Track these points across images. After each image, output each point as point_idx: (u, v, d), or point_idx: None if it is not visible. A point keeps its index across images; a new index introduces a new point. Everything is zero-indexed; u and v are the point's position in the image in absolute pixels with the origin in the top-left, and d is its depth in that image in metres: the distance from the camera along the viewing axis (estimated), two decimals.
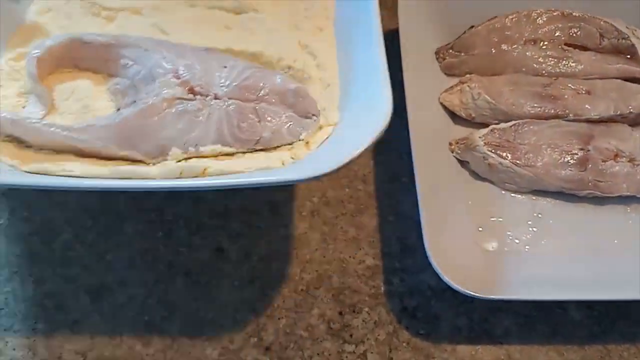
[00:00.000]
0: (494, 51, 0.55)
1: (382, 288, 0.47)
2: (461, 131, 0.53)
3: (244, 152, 0.39)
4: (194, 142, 0.37)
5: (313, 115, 0.40)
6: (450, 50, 0.56)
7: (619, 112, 0.51)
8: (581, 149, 0.49)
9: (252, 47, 0.44)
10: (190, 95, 0.39)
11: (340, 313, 0.45)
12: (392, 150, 0.53)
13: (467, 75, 0.54)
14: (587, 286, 0.45)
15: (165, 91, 0.38)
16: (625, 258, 0.47)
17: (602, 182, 0.49)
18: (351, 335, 0.44)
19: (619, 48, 0.55)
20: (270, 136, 0.39)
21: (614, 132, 0.51)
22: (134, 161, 0.38)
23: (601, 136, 0.50)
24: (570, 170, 0.49)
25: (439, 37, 0.56)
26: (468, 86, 0.52)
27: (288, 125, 0.39)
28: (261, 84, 0.40)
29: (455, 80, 0.55)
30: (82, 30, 0.43)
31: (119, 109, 0.40)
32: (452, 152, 0.51)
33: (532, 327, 0.45)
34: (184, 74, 0.39)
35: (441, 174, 0.49)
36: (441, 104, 0.54)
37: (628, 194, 0.49)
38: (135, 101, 0.39)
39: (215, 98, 0.39)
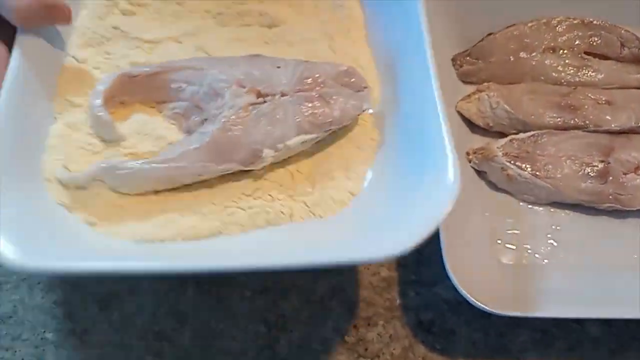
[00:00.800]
0: (512, 59, 0.54)
1: (398, 301, 0.46)
2: (478, 140, 0.52)
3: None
4: (280, 140, 0.39)
5: (365, 87, 0.43)
6: (468, 58, 0.55)
7: None
8: (602, 161, 0.48)
9: (296, 57, 0.44)
10: (261, 99, 0.40)
11: (355, 326, 0.45)
12: None
13: (485, 84, 0.53)
14: (606, 302, 0.44)
15: (238, 101, 0.40)
16: None
17: (622, 195, 0.48)
18: (366, 349, 0.44)
19: None
20: (340, 114, 0.41)
21: (635, 144, 0.50)
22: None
23: (622, 148, 0.49)
24: (591, 182, 0.48)
25: (455, 43, 0.55)
26: (486, 95, 0.51)
27: (350, 101, 0.42)
28: (316, 74, 0.42)
29: (472, 88, 0.54)
30: (124, 63, 0.43)
31: (188, 131, 0.41)
32: (470, 162, 0.50)
33: (550, 343, 0.45)
34: (247, 82, 0.40)
35: None
36: (458, 112, 0.53)
37: None
38: (206, 119, 0.40)
39: (282, 95, 0.41)
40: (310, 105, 0.41)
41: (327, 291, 0.46)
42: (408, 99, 0.42)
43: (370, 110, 0.43)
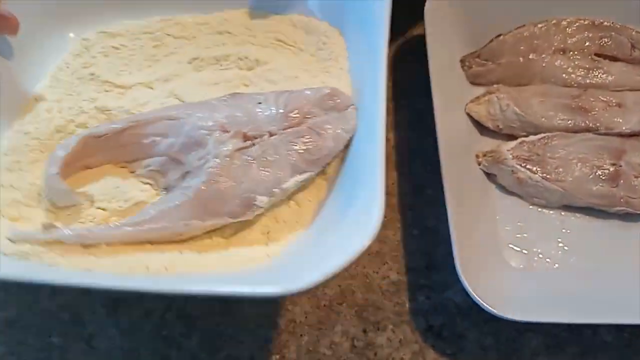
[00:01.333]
0: (521, 60, 0.54)
1: (407, 305, 0.45)
2: (488, 142, 0.51)
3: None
4: (275, 183, 0.36)
5: (350, 105, 0.40)
6: (477, 59, 0.54)
7: None
8: (613, 164, 0.48)
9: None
10: (248, 142, 0.37)
11: (364, 331, 0.44)
12: (415, 161, 0.51)
13: (495, 86, 0.52)
14: (619, 307, 0.43)
15: (223, 148, 0.36)
16: None
17: (634, 198, 0.47)
18: (375, 354, 0.43)
19: None
20: (334, 144, 0.38)
21: None
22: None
23: (633, 151, 0.49)
24: (601, 185, 0.47)
25: (465, 45, 0.55)
26: (496, 97, 0.51)
27: (340, 126, 0.39)
28: (300, 104, 0.39)
29: (481, 89, 0.53)
30: (90, 107, 0.41)
31: (166, 188, 0.38)
32: (479, 165, 0.50)
33: (561, 348, 0.44)
34: (231, 125, 0.37)
35: (468, 187, 0.48)
36: (467, 114, 0.52)
37: None
38: (187, 172, 0.37)
39: (271, 135, 0.38)
40: (302, 140, 0.38)
41: (336, 296, 0.45)
42: (359, 132, 0.39)
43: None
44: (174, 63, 0.44)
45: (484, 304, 0.40)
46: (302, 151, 0.37)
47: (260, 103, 0.39)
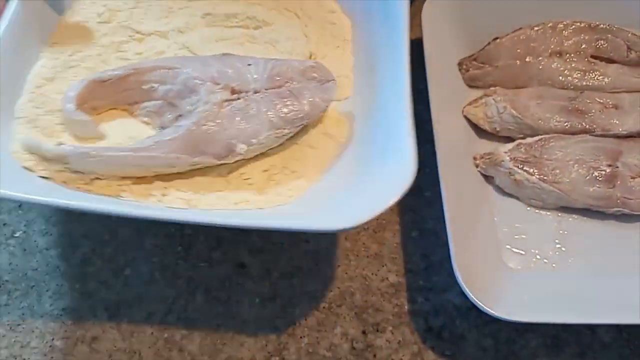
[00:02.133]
0: (518, 63, 0.54)
1: (406, 306, 0.46)
2: (485, 145, 0.52)
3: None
4: (254, 134, 0.41)
5: (332, 80, 0.44)
6: (474, 62, 0.55)
7: None
8: (609, 165, 0.48)
9: (277, 56, 0.46)
10: (235, 96, 0.41)
11: (364, 332, 0.44)
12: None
13: (492, 88, 0.53)
14: (616, 308, 0.43)
15: (212, 97, 0.41)
16: None
17: (631, 199, 0.47)
18: (375, 356, 0.44)
19: None
20: (310, 108, 0.43)
21: None
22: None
23: (630, 152, 0.49)
24: (598, 187, 0.48)
25: (462, 48, 0.55)
26: (493, 99, 0.51)
27: (319, 94, 0.43)
28: (285, 69, 0.43)
29: (479, 92, 0.54)
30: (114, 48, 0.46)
31: (162, 127, 0.42)
32: (477, 167, 0.50)
33: (560, 349, 0.44)
34: (221, 79, 0.42)
35: (465, 189, 0.48)
36: (465, 116, 0.53)
37: None
38: (180, 115, 0.41)
39: (255, 92, 0.42)
40: (281, 101, 0.42)
41: (336, 297, 0.46)
42: (381, 93, 0.44)
43: (333, 102, 0.45)
44: (188, 16, 0.48)
45: (482, 305, 0.41)
46: (280, 110, 0.42)
47: (249, 65, 0.43)
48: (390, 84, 0.43)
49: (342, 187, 0.41)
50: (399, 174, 0.37)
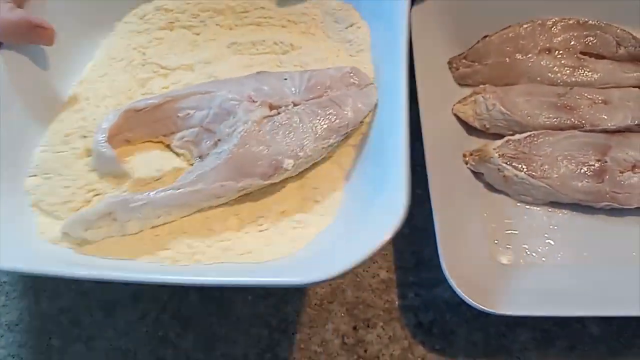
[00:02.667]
0: (508, 61, 0.54)
1: (397, 302, 0.46)
2: (475, 142, 0.52)
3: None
4: (299, 147, 0.39)
5: (371, 83, 0.43)
6: (464, 60, 0.55)
7: (636, 122, 0.50)
8: (598, 160, 0.49)
9: None
10: (274, 111, 0.40)
11: (355, 328, 0.45)
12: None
13: (481, 86, 0.53)
14: (606, 300, 0.44)
15: (251, 115, 0.39)
16: None
17: (619, 193, 0.48)
18: (365, 351, 0.44)
19: (636, 56, 0.54)
20: (354, 115, 0.41)
21: (632, 142, 0.50)
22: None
23: (618, 147, 0.49)
24: (587, 182, 0.48)
25: (451, 46, 0.56)
26: (482, 97, 0.51)
27: (360, 99, 0.42)
28: (323, 78, 0.42)
29: (469, 90, 0.54)
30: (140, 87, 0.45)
31: (200, 156, 0.40)
32: (467, 164, 0.50)
33: (550, 342, 0.45)
34: (258, 96, 0.40)
35: (455, 186, 0.49)
36: (454, 114, 0.53)
37: None
38: (219, 140, 0.40)
39: (295, 105, 0.41)
40: (324, 110, 0.41)
41: (327, 294, 0.46)
42: (380, 113, 0.42)
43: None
44: (214, 48, 0.47)
45: (470, 300, 0.41)
46: (323, 120, 0.40)
47: (285, 79, 0.42)
48: (386, 103, 0.42)
49: (342, 230, 0.39)
50: (390, 213, 0.35)
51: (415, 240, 0.49)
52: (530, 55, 0.54)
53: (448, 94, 0.54)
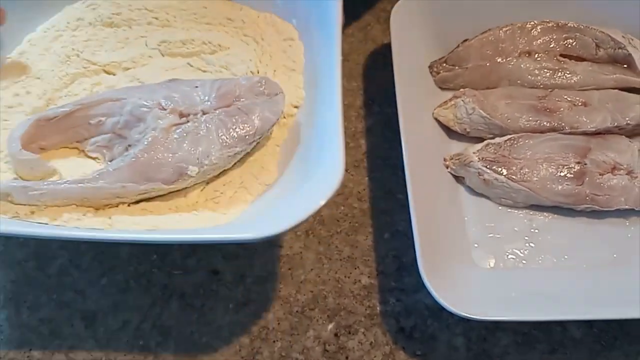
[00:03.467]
0: (488, 64, 0.55)
1: (378, 308, 0.46)
2: (456, 146, 0.52)
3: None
4: (205, 155, 0.40)
5: (280, 92, 0.44)
6: (444, 64, 0.55)
7: (615, 124, 0.51)
8: (578, 163, 0.49)
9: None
10: (183, 119, 0.41)
11: (336, 335, 0.45)
12: (387, 166, 0.52)
13: (461, 90, 0.53)
14: (586, 303, 0.44)
15: (160, 123, 0.41)
16: (624, 272, 0.46)
17: (599, 195, 0.48)
18: (347, 358, 0.44)
19: (616, 58, 0.55)
20: (262, 123, 0.42)
21: (611, 144, 0.50)
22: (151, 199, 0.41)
23: (598, 149, 0.49)
24: (567, 184, 0.48)
25: (432, 51, 0.56)
26: (462, 100, 0.52)
27: (268, 108, 0.43)
28: (233, 88, 0.43)
29: (450, 94, 0.54)
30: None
31: (111, 160, 0.42)
32: (447, 168, 0.51)
33: (531, 346, 0.45)
34: (168, 104, 0.41)
35: (436, 190, 0.49)
36: (435, 118, 0.53)
37: (626, 207, 0.48)
38: (129, 145, 0.41)
39: (204, 113, 0.42)
40: (232, 119, 0.42)
41: (308, 301, 0.46)
42: (318, 111, 0.44)
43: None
44: (142, 46, 0.48)
45: (449, 306, 0.41)
46: (231, 129, 0.41)
47: (197, 87, 0.43)
48: (325, 98, 0.43)
49: (282, 195, 0.41)
50: (327, 180, 0.37)
51: (396, 246, 0.49)
52: (510, 58, 0.55)
53: (428, 97, 0.54)
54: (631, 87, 0.54)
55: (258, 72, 0.48)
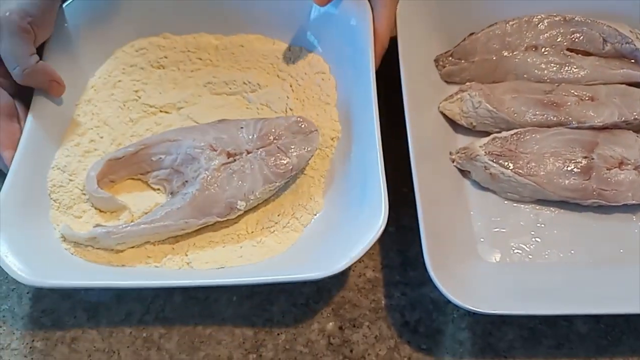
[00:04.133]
0: (494, 58, 0.54)
1: (383, 302, 0.46)
2: (462, 140, 0.52)
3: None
4: (250, 191, 0.46)
5: (315, 130, 0.49)
6: (450, 58, 0.55)
7: (623, 119, 0.50)
8: (585, 157, 0.48)
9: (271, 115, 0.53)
10: (231, 159, 0.47)
11: (341, 328, 0.45)
12: (391, 160, 0.52)
13: (467, 83, 0.53)
14: (592, 298, 0.43)
15: (212, 163, 0.46)
16: (631, 268, 0.46)
17: (606, 190, 0.48)
18: (351, 351, 0.44)
19: (623, 52, 0.54)
20: (298, 160, 0.48)
21: (619, 139, 0.50)
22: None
23: (605, 143, 0.49)
24: (574, 179, 0.48)
25: (438, 44, 0.56)
26: (468, 94, 0.51)
27: (303, 146, 0.48)
28: (273, 128, 0.49)
29: (456, 88, 0.54)
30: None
31: (171, 193, 0.48)
32: (453, 162, 0.50)
33: (537, 340, 0.44)
34: (218, 145, 0.47)
35: (442, 184, 0.49)
36: (441, 112, 0.53)
37: (633, 202, 0.48)
38: (186, 181, 0.47)
39: (248, 153, 0.47)
40: (272, 157, 0.47)
41: (313, 294, 0.46)
42: (357, 144, 0.48)
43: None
44: (192, 87, 0.54)
45: (456, 299, 0.40)
46: (272, 166, 0.47)
47: (242, 128, 0.49)
48: (362, 134, 0.47)
49: (325, 235, 0.45)
50: (371, 223, 0.41)
51: (401, 239, 0.48)
52: (516, 52, 0.54)
53: (434, 91, 0.54)
54: (638, 82, 0.54)
55: (295, 108, 0.53)
